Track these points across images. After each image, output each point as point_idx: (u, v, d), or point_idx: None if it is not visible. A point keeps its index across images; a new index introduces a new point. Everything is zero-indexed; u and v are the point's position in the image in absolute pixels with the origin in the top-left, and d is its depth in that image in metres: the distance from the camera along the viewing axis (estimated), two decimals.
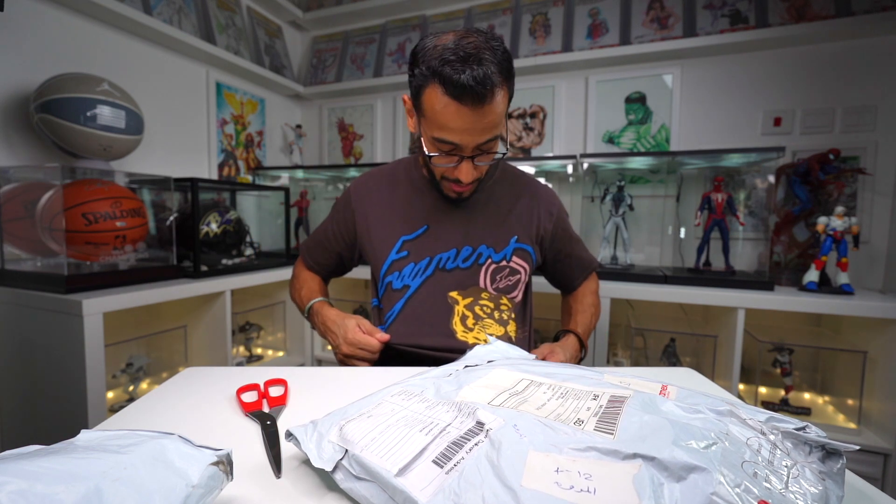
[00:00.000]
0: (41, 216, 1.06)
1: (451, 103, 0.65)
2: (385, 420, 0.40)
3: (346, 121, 2.15)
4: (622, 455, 0.31)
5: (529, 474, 0.31)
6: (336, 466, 0.37)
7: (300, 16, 2.10)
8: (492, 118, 0.67)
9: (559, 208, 0.92)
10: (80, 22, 1.30)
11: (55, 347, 1.00)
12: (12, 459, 0.27)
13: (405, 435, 0.37)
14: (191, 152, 1.69)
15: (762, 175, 1.46)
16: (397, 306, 0.84)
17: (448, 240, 0.84)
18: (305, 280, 0.99)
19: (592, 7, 1.69)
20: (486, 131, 0.68)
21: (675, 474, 0.29)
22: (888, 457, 1.13)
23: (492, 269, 0.84)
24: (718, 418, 0.35)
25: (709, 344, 1.35)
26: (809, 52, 1.46)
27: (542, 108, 1.81)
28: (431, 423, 0.38)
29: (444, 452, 0.35)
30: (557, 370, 0.49)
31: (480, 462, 0.32)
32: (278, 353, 1.81)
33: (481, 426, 0.37)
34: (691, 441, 0.31)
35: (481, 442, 0.35)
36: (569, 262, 0.96)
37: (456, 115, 0.65)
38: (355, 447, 0.36)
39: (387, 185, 0.89)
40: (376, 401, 0.44)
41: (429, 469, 0.33)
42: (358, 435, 0.38)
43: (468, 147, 0.69)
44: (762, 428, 0.34)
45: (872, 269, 1.41)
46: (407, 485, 0.32)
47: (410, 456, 0.34)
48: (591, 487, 0.29)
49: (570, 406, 0.40)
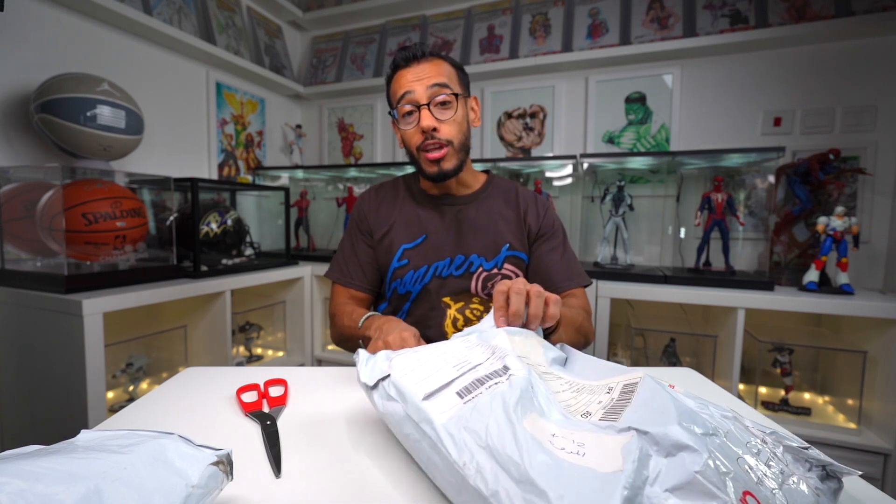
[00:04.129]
0: (41, 216, 1.06)
1: (401, 71, 0.83)
2: (427, 356, 0.46)
3: (346, 121, 2.15)
4: (618, 429, 0.33)
5: (532, 423, 0.34)
6: (376, 385, 0.44)
7: (300, 16, 2.10)
8: (432, 68, 0.81)
9: (548, 212, 0.92)
10: (80, 22, 1.30)
11: (55, 347, 1.00)
12: (12, 459, 0.27)
13: (439, 368, 0.43)
14: (191, 152, 1.69)
15: (762, 175, 1.46)
16: (403, 309, 0.90)
17: (443, 249, 0.88)
18: (351, 310, 0.88)
19: (592, 7, 1.69)
20: (430, 77, 0.80)
21: (665, 450, 0.30)
22: (888, 457, 1.13)
23: (483, 276, 0.87)
24: (722, 418, 0.35)
25: (709, 344, 1.35)
26: (809, 52, 1.46)
27: (542, 108, 1.80)
28: (465, 361, 0.44)
29: (468, 386, 0.39)
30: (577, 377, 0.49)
31: (495, 398, 0.36)
32: (278, 353, 1.81)
33: (506, 370, 0.41)
34: (692, 425, 0.31)
35: (501, 383, 0.39)
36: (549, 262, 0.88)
37: (406, 72, 0.82)
38: (396, 373, 0.43)
39: (391, 197, 0.95)
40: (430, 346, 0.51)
41: (451, 398, 0.38)
42: (401, 365, 0.45)
43: (419, 92, 0.80)
44: (764, 437, 0.34)
45: (872, 269, 1.41)
46: (429, 407, 0.38)
47: (438, 385, 0.40)
48: (580, 451, 0.31)
49: (582, 399, 0.42)
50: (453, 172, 0.84)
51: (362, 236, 0.93)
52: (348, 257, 0.94)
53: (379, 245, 0.91)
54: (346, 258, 0.94)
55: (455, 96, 0.81)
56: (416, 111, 0.81)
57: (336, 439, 0.48)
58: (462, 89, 0.85)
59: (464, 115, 0.84)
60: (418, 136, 0.82)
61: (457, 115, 0.82)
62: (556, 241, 0.91)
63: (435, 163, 0.82)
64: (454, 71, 0.84)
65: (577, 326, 0.76)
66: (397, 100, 0.82)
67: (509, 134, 1.86)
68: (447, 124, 0.81)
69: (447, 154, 0.82)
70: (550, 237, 0.90)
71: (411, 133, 0.83)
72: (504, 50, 1.81)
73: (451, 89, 0.81)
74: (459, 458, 0.33)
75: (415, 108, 0.81)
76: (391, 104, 0.86)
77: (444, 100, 0.80)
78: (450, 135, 0.82)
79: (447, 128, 0.81)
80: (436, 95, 0.80)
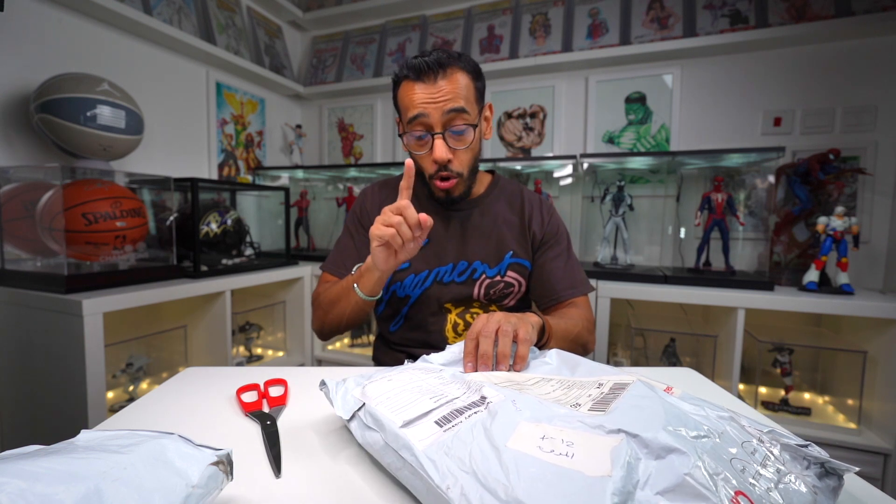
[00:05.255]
0: (41, 216, 1.06)
1: (412, 84, 0.76)
2: (402, 385, 0.45)
3: (346, 121, 2.15)
4: (607, 430, 0.32)
5: (516, 439, 0.33)
6: (353, 417, 0.43)
7: (300, 16, 2.10)
8: (449, 89, 0.74)
9: (552, 217, 0.91)
10: (80, 22, 1.30)
11: (55, 347, 1.00)
12: (12, 459, 0.27)
13: (416, 399, 0.42)
14: (191, 152, 1.69)
15: (762, 175, 1.46)
16: (402, 312, 0.89)
17: (446, 255, 0.87)
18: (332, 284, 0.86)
19: (592, 7, 1.69)
20: (446, 101, 0.74)
21: (654, 452, 0.30)
22: (888, 457, 1.13)
23: (486, 283, 0.86)
24: (717, 419, 0.35)
25: (709, 344, 1.35)
26: (809, 52, 1.46)
27: (542, 108, 1.80)
28: (441, 395, 0.43)
29: (447, 416, 0.39)
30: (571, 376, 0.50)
31: (475, 425, 0.36)
32: (278, 353, 1.81)
33: (484, 399, 0.40)
34: (681, 428, 0.32)
35: (480, 411, 0.38)
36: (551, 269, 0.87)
37: (417, 89, 0.75)
38: (371, 402, 0.42)
39: (394, 196, 0.91)
40: (399, 369, 0.51)
41: (430, 427, 0.38)
42: (376, 393, 0.44)
43: (434, 119, 0.75)
44: (760, 436, 0.34)
45: (872, 269, 1.41)
46: (408, 434, 0.37)
47: (416, 414, 0.39)
48: (569, 453, 0.31)
49: (572, 394, 0.42)
50: (461, 198, 0.84)
51: (362, 230, 0.91)
52: (344, 250, 0.91)
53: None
54: (341, 251, 0.92)
55: (473, 127, 0.77)
56: (430, 137, 0.76)
57: (336, 440, 0.48)
58: (478, 103, 0.80)
59: (478, 138, 0.81)
60: (431, 166, 0.79)
61: (472, 143, 0.79)
62: (560, 247, 0.89)
63: (445, 191, 0.81)
64: (471, 83, 0.78)
65: (574, 338, 0.75)
66: (409, 118, 0.77)
67: (509, 134, 1.86)
68: (461, 153, 0.78)
69: (457, 183, 0.81)
70: (554, 244, 0.89)
71: (423, 158, 0.80)
72: (504, 50, 1.81)
73: (469, 115, 0.76)
74: (442, 482, 0.32)
75: (428, 134, 0.76)
76: (398, 110, 0.82)
77: (460, 129, 0.76)
78: (462, 166, 0.79)
79: (461, 157, 0.79)
80: (451, 122, 0.75)
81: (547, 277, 0.87)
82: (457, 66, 0.76)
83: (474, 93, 0.78)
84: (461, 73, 0.76)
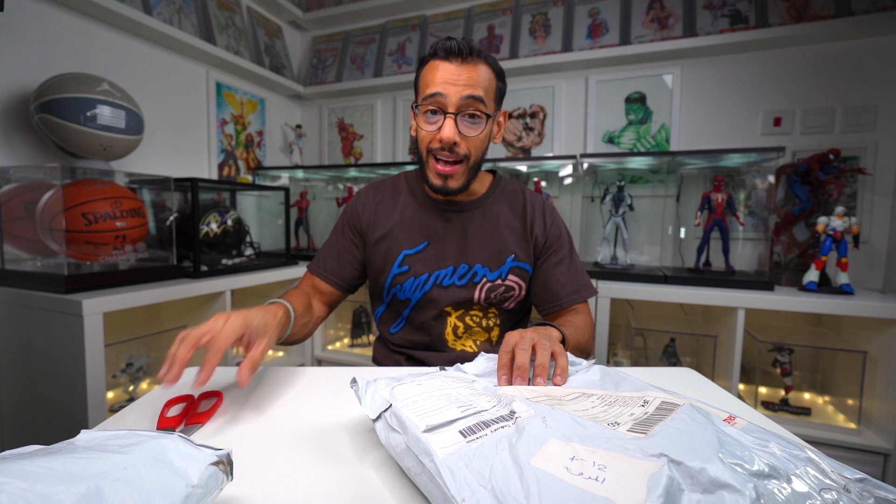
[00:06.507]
0: (41, 216, 1.06)
1: (438, 62, 0.75)
2: (431, 391, 0.44)
3: (346, 121, 2.15)
4: (647, 453, 0.29)
5: (542, 457, 0.31)
6: (379, 417, 0.42)
7: (300, 16, 2.10)
8: (473, 75, 0.74)
9: (555, 221, 0.90)
10: (80, 22, 1.30)
11: (55, 347, 1.00)
12: (12, 459, 0.27)
13: (443, 406, 0.41)
14: (191, 152, 1.69)
15: (762, 175, 1.46)
16: (403, 315, 0.89)
17: (446, 257, 0.86)
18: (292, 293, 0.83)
19: (592, 7, 1.69)
20: (467, 86, 0.74)
21: (702, 485, 0.26)
22: (888, 457, 1.13)
23: (487, 287, 0.85)
24: (789, 458, 0.30)
25: (709, 344, 1.35)
26: (809, 52, 1.46)
27: (542, 108, 1.80)
28: (469, 405, 0.42)
29: (472, 427, 0.37)
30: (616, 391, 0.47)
31: (500, 440, 0.35)
32: (278, 353, 1.81)
33: (513, 414, 0.39)
34: (739, 462, 0.27)
35: (508, 426, 0.37)
36: (555, 275, 0.87)
37: (441, 68, 0.75)
38: (398, 403, 0.42)
39: (391, 197, 0.91)
40: (431, 375, 0.50)
41: (453, 435, 0.36)
42: (404, 395, 0.43)
43: (451, 98, 0.74)
44: (847, 484, 0.29)
45: (872, 269, 1.41)
46: (430, 439, 0.36)
47: (441, 421, 0.38)
48: (600, 477, 0.28)
49: (613, 411, 0.39)
50: (457, 191, 0.80)
51: (350, 233, 0.90)
52: (327, 251, 0.92)
53: (377, 247, 0.88)
54: (324, 251, 0.92)
55: (486, 116, 0.76)
56: (441, 115, 0.75)
57: (337, 440, 0.48)
58: (495, 104, 0.79)
59: (488, 133, 0.80)
60: (435, 142, 0.77)
61: (481, 134, 0.77)
62: (563, 252, 0.88)
63: (442, 177, 0.78)
64: (494, 80, 0.78)
65: (583, 347, 0.77)
66: (426, 94, 0.75)
67: (509, 134, 1.86)
68: (469, 140, 0.77)
69: (457, 172, 0.78)
70: (557, 249, 0.87)
71: (429, 135, 0.77)
72: (504, 50, 1.81)
73: (485, 107, 0.75)
74: (458, 493, 0.31)
75: (440, 112, 0.75)
76: (417, 92, 0.80)
77: (474, 114, 0.75)
78: (468, 150, 0.77)
79: (468, 144, 0.77)
80: (466, 108, 0.74)
81: (550, 283, 0.86)
82: (485, 60, 0.77)
83: (495, 90, 0.78)
84: (487, 67, 0.77)
